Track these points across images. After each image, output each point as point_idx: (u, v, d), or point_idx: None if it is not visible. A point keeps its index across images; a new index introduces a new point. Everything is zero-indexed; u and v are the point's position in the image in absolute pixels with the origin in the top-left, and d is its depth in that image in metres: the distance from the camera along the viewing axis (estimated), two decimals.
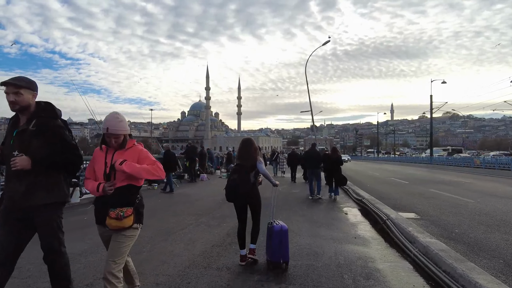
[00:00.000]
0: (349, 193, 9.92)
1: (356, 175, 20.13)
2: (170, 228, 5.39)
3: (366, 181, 15.96)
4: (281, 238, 3.55)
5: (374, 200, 7.65)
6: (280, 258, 3.53)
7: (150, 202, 8.21)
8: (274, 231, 3.58)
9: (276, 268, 3.52)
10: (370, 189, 12.21)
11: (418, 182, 15.55)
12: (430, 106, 29.35)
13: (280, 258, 3.53)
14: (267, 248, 3.73)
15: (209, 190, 10.50)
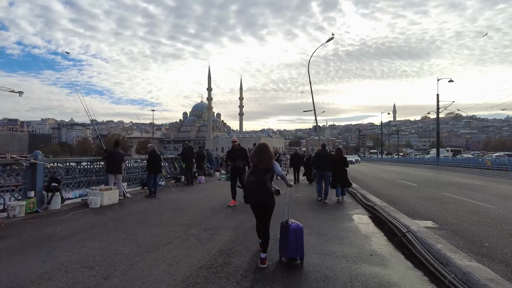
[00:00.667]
0: (357, 197, 9.12)
1: (362, 177, 19.30)
2: (154, 242, 4.61)
3: (373, 184, 15.15)
4: (297, 236, 3.79)
5: (387, 207, 6.84)
6: (296, 254, 3.78)
7: (138, 209, 7.47)
8: (291, 229, 3.79)
9: (291, 265, 3.77)
10: (378, 192, 11.41)
11: (428, 184, 14.71)
12: (436, 105, 28.45)
13: (296, 255, 3.79)
14: (281, 247, 3.95)
15: (205, 195, 9.72)
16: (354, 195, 9.58)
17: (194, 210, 7.23)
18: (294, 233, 3.77)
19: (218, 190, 10.97)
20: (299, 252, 3.79)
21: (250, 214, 6.85)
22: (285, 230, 3.88)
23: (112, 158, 8.74)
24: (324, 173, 8.90)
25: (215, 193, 10.22)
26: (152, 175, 9.36)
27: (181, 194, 10.00)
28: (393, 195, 10.93)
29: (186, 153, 12.62)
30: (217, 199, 8.87)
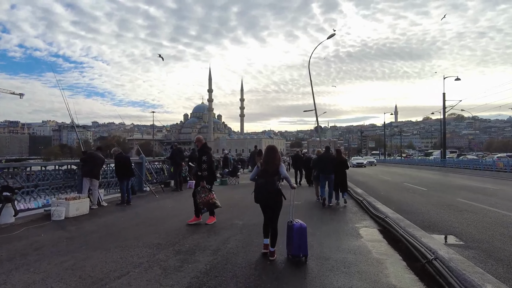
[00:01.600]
0: (364, 206, 8.02)
1: (366, 180, 18.19)
2: (104, 273, 3.53)
3: (378, 187, 14.05)
4: (301, 234, 4.02)
5: (401, 220, 5.75)
6: (300, 252, 4.00)
7: (108, 221, 6.35)
8: (295, 228, 4.03)
9: (296, 261, 4.00)
10: (385, 198, 10.35)
11: (438, 188, 13.59)
12: (443, 104, 27.26)
13: (300, 252, 4.00)
14: (287, 244, 4.19)
15: (190, 204, 8.62)
16: (360, 203, 8.48)
17: (172, 223, 6.16)
18: (297, 232, 4.02)
19: None
20: (302, 249, 4.03)
21: (236, 229, 5.86)
22: (289, 229, 4.15)
23: (91, 162, 7.73)
24: (328, 177, 8.52)
25: None
26: (124, 181, 8.30)
27: (165, 202, 8.93)
28: (402, 202, 9.84)
29: (174, 156, 11.57)
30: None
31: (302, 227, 4.09)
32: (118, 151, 8.55)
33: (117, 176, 8.47)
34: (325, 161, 8.61)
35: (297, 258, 4.02)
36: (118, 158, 8.36)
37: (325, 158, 8.67)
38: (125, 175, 8.31)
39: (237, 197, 9.89)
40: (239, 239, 4.93)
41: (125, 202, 8.23)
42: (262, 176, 4.17)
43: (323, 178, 8.63)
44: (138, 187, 10.54)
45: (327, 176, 8.50)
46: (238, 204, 8.54)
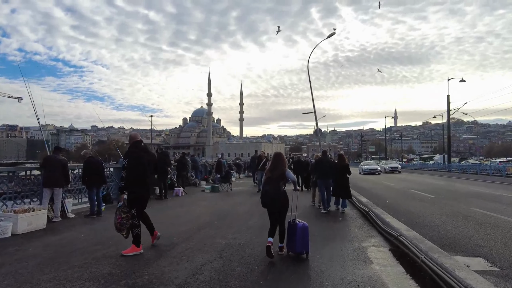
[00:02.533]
0: (370, 218, 6.95)
1: (370, 186, 17.10)
2: None
3: (383, 195, 12.95)
4: (303, 233, 4.38)
5: (421, 240, 4.67)
6: (302, 249, 4.36)
7: (65, 239, 5.18)
8: (298, 227, 4.38)
9: (300, 258, 4.33)
10: (393, 207, 9.29)
11: (448, 196, 12.50)
12: (447, 106, 26.22)
13: (303, 249, 4.37)
14: (288, 242, 4.50)
15: (172, 215, 7.53)
16: (366, 215, 7.40)
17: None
18: (301, 231, 4.33)
19: (192, 207, 8.84)
20: (305, 247, 4.34)
21: (216, 252, 4.47)
22: (292, 228, 4.44)
23: (49, 167, 6.65)
24: (326, 182, 8.32)
25: (188, 211, 8.08)
26: (93, 189, 7.22)
27: None
28: (413, 212, 8.77)
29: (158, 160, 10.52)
30: (185, 222, 6.72)
31: (305, 226, 4.42)
32: (89, 154, 7.48)
33: (85, 183, 7.36)
34: (323, 166, 8.37)
35: (300, 255, 4.36)
36: (88, 162, 7.28)
37: (323, 163, 8.43)
38: (95, 182, 7.23)
39: (227, 207, 8.81)
40: (216, 268, 3.86)
41: (94, 214, 7.14)
42: (269, 182, 4.45)
43: (321, 183, 8.36)
44: (116, 196, 9.45)
45: (326, 181, 8.27)
46: (226, 216, 7.45)
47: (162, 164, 10.42)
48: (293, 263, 4.19)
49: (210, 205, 9.10)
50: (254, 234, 5.61)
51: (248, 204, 9.09)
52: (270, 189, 4.40)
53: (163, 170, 10.36)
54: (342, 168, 8.46)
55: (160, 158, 10.54)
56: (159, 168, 10.20)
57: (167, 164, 10.61)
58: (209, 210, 8.05)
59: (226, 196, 10.97)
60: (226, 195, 11.59)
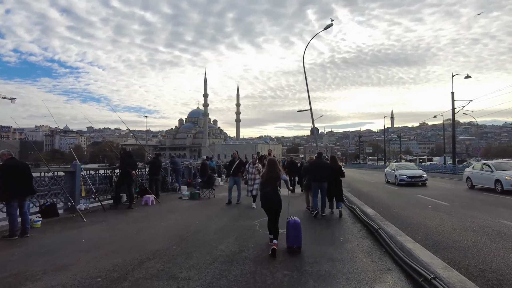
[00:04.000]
0: (382, 240, 5.24)
1: (370, 190, 15.44)
2: None
3: (387, 201, 11.26)
4: (295, 229, 4.87)
5: (457, 278, 2.97)
6: (294, 244, 4.84)
7: None
8: (290, 224, 4.93)
9: (291, 251, 4.76)
10: (403, 218, 7.76)
11: (464, 203, 10.82)
12: (452, 104, 24.58)
13: (294, 244, 4.84)
14: (286, 237, 4.95)
15: (112, 238, 5.64)
16: (375, 233, 5.67)
17: (49, 280, 3.34)
18: (292, 227, 4.88)
19: (155, 222, 7.05)
20: (296, 242, 4.84)
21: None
22: (287, 225, 5.01)
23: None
24: (321, 184, 7.88)
25: (143, 229, 6.28)
26: (14, 201, 5.46)
27: (83, 231, 6.02)
28: (429, 226, 7.11)
29: (121, 162, 8.79)
30: (131, 247, 4.95)
31: (296, 222, 4.95)
32: (8, 155, 5.68)
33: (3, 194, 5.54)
34: (318, 168, 7.97)
35: (292, 249, 4.80)
36: (7, 166, 5.49)
37: (318, 165, 8.04)
38: (17, 193, 5.46)
39: (198, 222, 7.05)
40: None
41: (16, 234, 5.37)
42: (267, 185, 5.01)
43: (316, 186, 7.92)
44: (66, 207, 7.70)
45: (320, 184, 7.84)
46: (191, 236, 5.68)
47: (125, 167, 8.69)
48: None
49: (179, 218, 7.34)
50: (219, 272, 3.88)
51: (226, 218, 7.36)
52: (270, 191, 4.94)
53: (127, 173, 8.61)
54: (335, 170, 8.21)
55: (122, 160, 8.79)
56: (123, 171, 8.50)
57: (132, 167, 8.82)
58: (173, 227, 6.30)
59: (205, 205, 9.20)
60: (205, 203, 9.83)
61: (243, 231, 5.97)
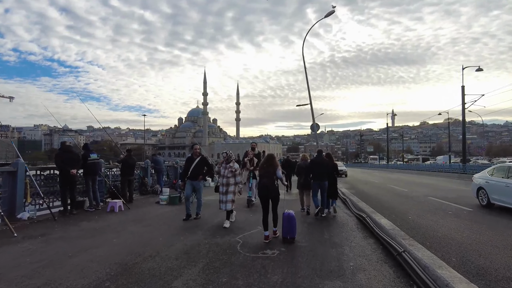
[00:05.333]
0: (405, 263, 3.68)
1: (375, 192, 13.84)
2: None
3: (399, 206, 9.65)
4: (289, 221, 5.16)
5: None
6: (288, 235, 5.14)
7: None
8: (284, 216, 5.21)
9: (286, 241, 5.07)
10: (424, 230, 6.22)
11: (491, 209, 9.26)
12: (462, 99, 22.93)
13: (288, 235, 5.14)
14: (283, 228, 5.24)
15: (32, 266, 4.08)
16: (392, 250, 4.10)
17: None
18: (286, 219, 5.17)
19: (114, 236, 5.46)
20: (290, 233, 5.14)
21: None
22: (283, 217, 5.24)
23: None
24: (321, 183, 7.69)
25: (99, 244, 4.74)
26: None
27: (3, 252, 4.47)
28: (459, 240, 5.57)
29: (57, 160, 7.22)
30: (55, 283, 3.38)
31: (290, 215, 5.21)
32: None
33: None
34: (319, 166, 7.73)
35: (286, 239, 5.10)
36: None
37: (318, 163, 7.78)
38: None
39: (166, 235, 5.47)
40: None
41: None
42: (264, 176, 5.39)
43: (316, 185, 7.70)
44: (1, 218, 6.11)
45: (321, 183, 7.64)
46: (149, 259, 4.12)
47: (60, 165, 7.08)
48: None
49: (141, 232, 5.76)
50: None
51: (201, 232, 5.78)
52: (267, 181, 5.34)
53: (66, 173, 7.00)
54: (331, 168, 7.97)
55: (59, 156, 7.17)
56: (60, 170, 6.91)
57: (72, 165, 7.08)
58: (125, 247, 4.72)
59: (182, 213, 7.45)
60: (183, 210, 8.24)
61: (217, 254, 4.41)
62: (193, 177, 6.91)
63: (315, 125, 16.71)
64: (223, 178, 6.14)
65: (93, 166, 7.97)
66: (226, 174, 6.13)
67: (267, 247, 4.83)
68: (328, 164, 7.90)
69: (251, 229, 5.99)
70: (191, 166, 6.90)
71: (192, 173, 6.88)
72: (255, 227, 6.08)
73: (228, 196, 6.08)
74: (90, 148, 8.79)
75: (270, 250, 4.65)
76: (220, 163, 6.47)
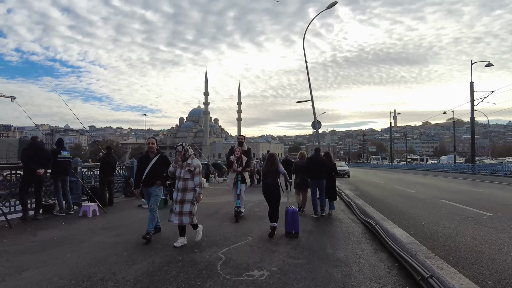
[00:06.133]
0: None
1: (381, 194, 12.82)
2: None
3: (411, 211, 8.64)
4: (293, 216, 5.40)
5: None
6: (292, 229, 5.39)
7: None
8: (288, 212, 5.42)
9: (289, 236, 5.32)
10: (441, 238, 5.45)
11: (508, 212, 8.27)
12: (470, 95, 21.88)
13: (292, 229, 5.39)
14: (285, 223, 5.50)
15: None
16: (414, 273, 3.12)
17: None
18: (290, 215, 5.40)
19: (65, 253, 4.51)
20: (294, 228, 5.39)
21: None
22: (286, 213, 5.49)
23: None
24: (319, 182, 7.41)
25: (32, 266, 3.79)
26: None
27: None
28: (489, 256, 4.60)
29: (23, 157, 6.27)
30: None
31: (294, 211, 5.45)
32: None
33: None
34: (316, 164, 7.51)
35: (290, 234, 5.36)
36: None
37: (315, 161, 7.57)
38: None
39: (132, 250, 4.52)
40: None
41: None
42: (267, 176, 5.59)
43: (314, 185, 7.53)
44: None
45: (319, 182, 7.47)
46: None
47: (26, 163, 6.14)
48: None
49: (102, 245, 4.78)
50: None
51: (177, 252, 4.81)
52: (270, 181, 5.53)
53: (30, 172, 6.06)
54: (329, 167, 7.85)
55: (25, 154, 6.23)
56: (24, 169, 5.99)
57: (34, 163, 6.13)
58: (68, 270, 3.74)
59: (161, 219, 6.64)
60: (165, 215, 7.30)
61: (190, 277, 3.45)
62: (148, 183, 5.07)
63: (316, 122, 15.73)
64: (179, 181, 4.64)
65: (63, 165, 7.03)
66: (183, 176, 4.61)
67: (255, 266, 3.86)
68: (325, 163, 7.65)
69: (239, 240, 5.03)
70: (146, 168, 5.07)
71: (147, 177, 5.05)
72: (244, 238, 5.13)
73: (185, 206, 4.55)
74: (64, 145, 7.84)
75: (258, 271, 3.69)
76: (175, 161, 4.78)
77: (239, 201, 6.79)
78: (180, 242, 4.67)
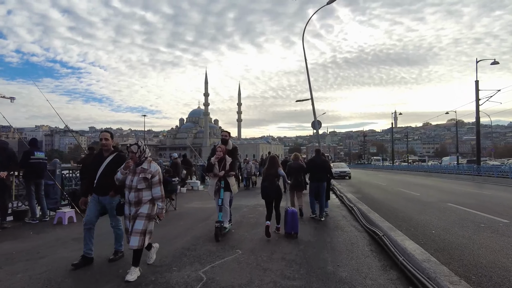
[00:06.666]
0: None
1: (387, 198, 12.11)
2: None
3: (419, 217, 7.94)
4: (293, 217, 5.47)
5: None
6: (292, 230, 5.49)
7: None
8: (288, 213, 5.50)
9: (289, 236, 5.41)
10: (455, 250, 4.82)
11: None
12: (475, 94, 21.24)
13: (292, 230, 5.48)
14: (285, 224, 5.63)
15: None
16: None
17: None
18: (290, 216, 5.47)
19: (5, 275, 3.89)
20: (294, 228, 5.48)
21: None
22: (286, 213, 5.59)
23: None
24: (319, 184, 7.32)
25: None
26: None
27: None
28: None
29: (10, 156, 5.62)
30: None
31: (294, 212, 5.52)
32: None
33: None
34: (318, 167, 7.37)
35: (290, 234, 5.45)
36: None
37: (316, 163, 7.42)
38: None
39: (96, 269, 3.89)
40: None
41: None
42: (267, 179, 5.70)
43: (314, 186, 7.36)
44: None
45: (319, 184, 7.31)
46: None
47: None
48: None
49: (63, 261, 4.14)
50: None
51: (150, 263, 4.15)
52: (268, 184, 5.60)
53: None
54: None
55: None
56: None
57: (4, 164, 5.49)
58: None
59: None
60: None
61: None
62: (100, 190, 3.97)
63: (316, 122, 15.07)
64: (130, 191, 3.53)
65: (37, 167, 6.38)
66: (135, 185, 3.52)
67: None
68: (327, 165, 7.63)
69: (226, 254, 4.37)
70: (98, 170, 3.96)
71: (99, 182, 3.94)
72: (232, 252, 4.47)
73: (137, 223, 3.49)
74: (39, 145, 7.18)
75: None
76: (125, 166, 3.59)
77: (221, 214, 5.40)
78: (132, 276, 3.44)
